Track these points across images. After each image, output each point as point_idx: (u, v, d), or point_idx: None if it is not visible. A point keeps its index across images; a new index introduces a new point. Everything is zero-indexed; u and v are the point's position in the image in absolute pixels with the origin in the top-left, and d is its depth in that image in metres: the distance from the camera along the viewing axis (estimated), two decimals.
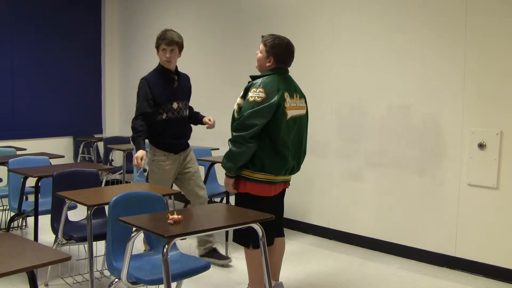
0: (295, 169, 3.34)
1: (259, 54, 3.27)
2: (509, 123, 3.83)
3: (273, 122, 3.10)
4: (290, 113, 3.17)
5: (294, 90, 3.27)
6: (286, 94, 3.15)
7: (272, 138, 3.13)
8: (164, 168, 3.99)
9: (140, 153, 3.74)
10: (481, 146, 3.95)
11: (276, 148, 3.14)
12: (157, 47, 3.96)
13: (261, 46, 3.26)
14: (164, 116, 3.94)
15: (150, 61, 7.13)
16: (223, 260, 4.14)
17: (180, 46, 3.98)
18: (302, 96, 3.35)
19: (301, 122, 3.30)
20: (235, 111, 3.21)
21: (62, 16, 7.26)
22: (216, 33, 6.09)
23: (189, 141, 4.19)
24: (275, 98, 3.07)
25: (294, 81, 3.34)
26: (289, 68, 3.32)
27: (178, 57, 4.04)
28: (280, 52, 3.21)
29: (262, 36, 3.30)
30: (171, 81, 4.01)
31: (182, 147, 4.08)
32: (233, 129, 3.14)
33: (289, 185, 3.44)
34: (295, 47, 3.28)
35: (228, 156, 3.13)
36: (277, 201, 3.39)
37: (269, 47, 3.20)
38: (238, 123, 3.09)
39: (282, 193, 3.43)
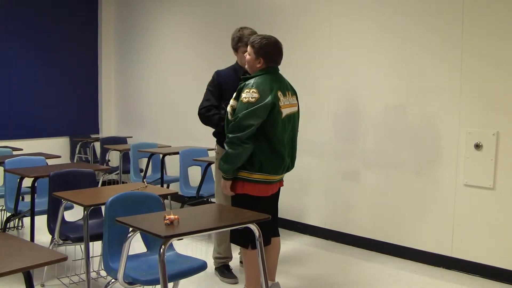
0: (290, 167, 3.35)
1: (248, 56, 3.25)
2: (505, 123, 3.84)
3: (269, 122, 3.09)
4: (285, 112, 3.17)
5: (286, 88, 3.26)
6: (280, 93, 3.15)
7: (268, 138, 3.12)
8: None
9: None
10: (478, 146, 3.96)
11: (273, 148, 3.14)
12: (236, 48, 3.74)
13: (249, 48, 3.24)
14: None
15: (147, 60, 7.14)
16: (230, 279, 3.85)
17: None
18: (294, 93, 3.35)
19: (294, 119, 3.31)
20: (228, 113, 3.20)
21: (59, 17, 7.24)
22: (212, 33, 6.08)
23: (186, 141, 4.15)
24: (269, 98, 3.06)
25: (285, 79, 3.33)
26: (286, 69, 3.31)
27: None
28: (269, 52, 3.19)
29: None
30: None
31: None
32: (229, 130, 3.12)
33: (283, 183, 3.44)
34: (292, 48, 3.28)
35: (226, 158, 3.11)
36: (273, 201, 3.39)
37: (258, 48, 3.18)
38: (234, 124, 3.08)
39: (278, 192, 3.44)
